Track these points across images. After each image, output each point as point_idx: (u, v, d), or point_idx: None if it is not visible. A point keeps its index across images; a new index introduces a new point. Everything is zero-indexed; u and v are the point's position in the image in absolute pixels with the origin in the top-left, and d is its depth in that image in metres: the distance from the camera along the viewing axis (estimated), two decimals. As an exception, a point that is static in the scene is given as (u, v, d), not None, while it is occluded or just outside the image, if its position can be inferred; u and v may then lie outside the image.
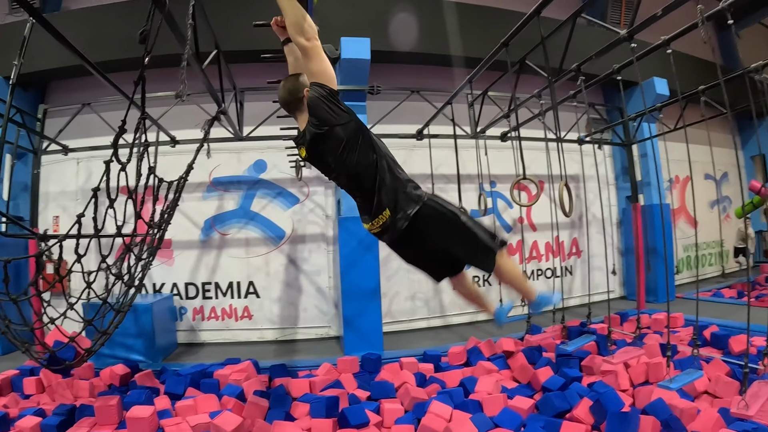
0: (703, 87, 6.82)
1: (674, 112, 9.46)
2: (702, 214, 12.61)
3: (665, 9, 4.35)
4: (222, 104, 4.96)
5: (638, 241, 9.21)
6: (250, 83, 7.06)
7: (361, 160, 2.62)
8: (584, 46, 5.74)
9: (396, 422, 4.34)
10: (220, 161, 7.80)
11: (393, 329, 8.35)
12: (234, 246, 8.06)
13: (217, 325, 8.03)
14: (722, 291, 10.25)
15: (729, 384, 4.62)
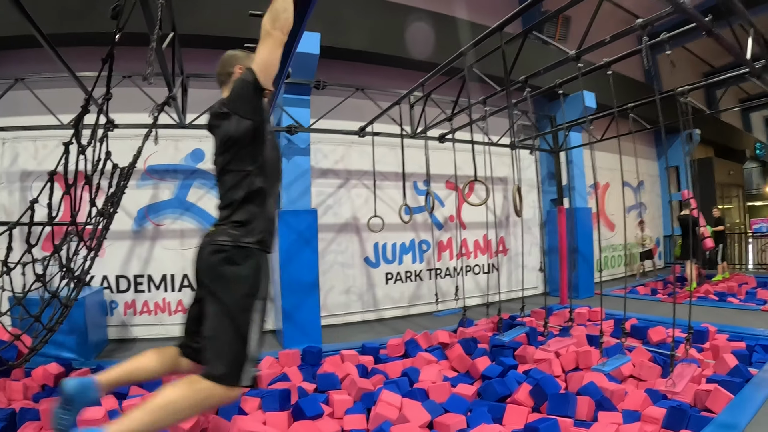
0: (633, 104, 7.50)
1: (598, 123, 10.28)
2: (620, 219, 13.67)
3: (613, 36, 4.83)
4: (173, 89, 4.87)
5: (562, 242, 9.86)
6: (196, 69, 6.89)
7: (235, 161, 2.40)
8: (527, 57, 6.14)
9: (346, 412, 4.46)
10: (156, 148, 7.40)
11: (329, 323, 8.46)
12: (168, 237, 7.81)
13: (149, 319, 7.73)
14: (637, 288, 11.27)
15: (652, 368, 5.24)
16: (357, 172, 9.07)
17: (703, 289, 10.32)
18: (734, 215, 21.21)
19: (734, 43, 4.90)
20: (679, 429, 3.89)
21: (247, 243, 2.35)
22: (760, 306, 8.61)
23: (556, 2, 4.73)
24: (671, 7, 3.84)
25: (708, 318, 7.43)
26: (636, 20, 4.66)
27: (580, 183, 11.19)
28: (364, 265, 9.23)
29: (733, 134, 20.87)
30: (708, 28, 4.30)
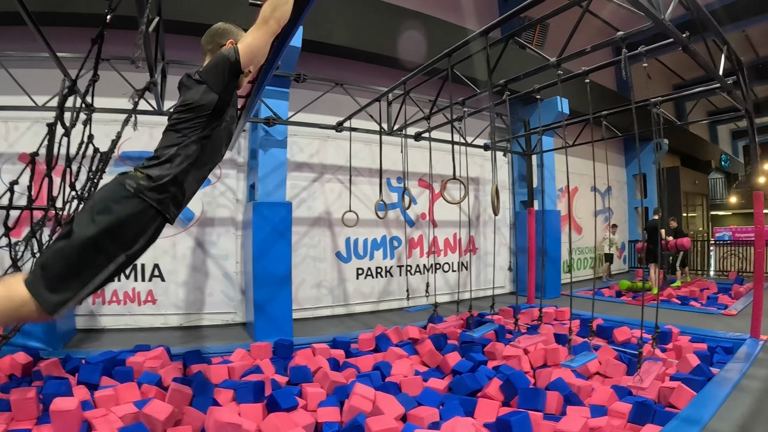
0: (607, 112, 7.69)
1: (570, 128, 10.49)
2: (587, 222, 13.96)
3: (593, 47, 4.95)
4: (154, 74, 4.81)
5: (531, 243, 10.03)
6: (176, 56, 6.77)
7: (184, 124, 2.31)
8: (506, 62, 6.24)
9: (320, 405, 4.48)
10: (131, 134, 7.26)
11: (299, 316, 8.46)
12: (140, 226, 7.65)
13: (118, 309, 7.59)
14: (602, 290, 11.52)
15: (617, 366, 5.48)
16: (332, 167, 9.09)
17: (666, 293, 10.62)
18: (698, 223, 21.84)
19: (707, 58, 5.06)
20: (644, 423, 4.02)
21: (148, 197, 2.11)
22: (721, 310, 8.90)
23: (536, 10, 4.82)
24: (651, 22, 3.96)
25: (671, 320, 7.66)
26: (613, 30, 4.81)
27: (550, 186, 11.42)
28: (336, 259, 9.25)
29: (699, 145, 21.47)
30: (685, 44, 4.43)
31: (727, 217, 27.29)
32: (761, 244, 6.62)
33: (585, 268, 14.09)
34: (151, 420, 3.84)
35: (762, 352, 5.94)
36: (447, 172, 7.97)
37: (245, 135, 8.32)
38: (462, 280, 9.25)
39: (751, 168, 7.74)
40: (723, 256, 16.08)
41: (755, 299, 6.55)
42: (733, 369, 5.19)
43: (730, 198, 26.58)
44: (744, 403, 4.31)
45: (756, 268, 6.68)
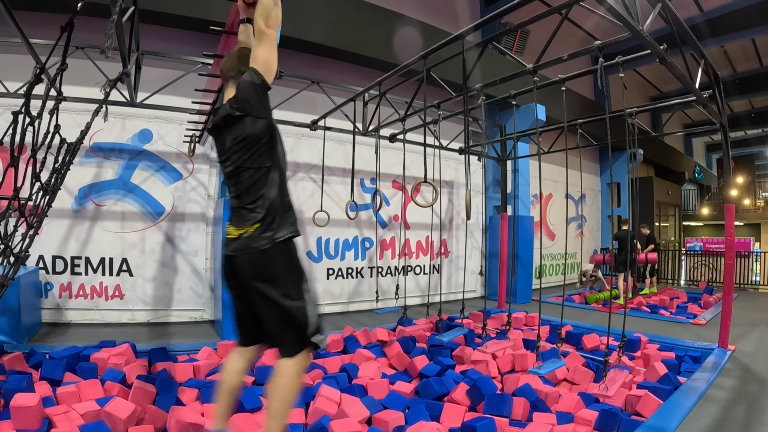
0: (582, 121, 7.73)
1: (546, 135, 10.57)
2: (560, 229, 14.07)
3: (570, 55, 4.98)
4: (127, 65, 4.69)
5: (503, 248, 10.06)
6: (151, 46, 6.68)
7: (254, 160, 2.50)
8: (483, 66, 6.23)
9: (285, 406, 4.47)
10: (102, 125, 7.13)
11: (267, 315, 8.33)
12: (109, 219, 7.51)
13: (85, 303, 7.41)
14: (573, 297, 11.59)
15: (585, 373, 5.46)
16: (305, 165, 9.00)
17: (636, 301, 10.73)
18: (670, 233, 22.14)
19: (684, 71, 5.10)
20: (610, 431, 4.03)
21: (282, 237, 2.49)
22: (690, 319, 8.99)
23: (516, 15, 4.81)
24: (629, 33, 3.97)
25: (640, 328, 7.72)
26: (591, 39, 4.82)
27: (524, 192, 11.44)
28: (306, 259, 9.16)
29: (674, 156, 21.81)
30: (662, 56, 4.46)
31: (698, 227, 27.81)
32: (731, 256, 6.69)
33: (557, 274, 14.18)
34: (113, 418, 3.73)
35: (729, 362, 6.00)
36: (421, 174, 7.93)
37: (219, 130, 8.15)
38: (433, 283, 9.23)
39: (724, 181, 7.86)
40: (694, 266, 16.36)
41: (724, 309, 6.59)
42: (701, 378, 5.22)
43: (702, 209, 27.09)
44: (710, 413, 4.32)
45: (725, 279, 6.72)
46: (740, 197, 27.89)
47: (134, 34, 4.78)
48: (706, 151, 33.67)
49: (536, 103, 6.10)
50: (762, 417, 4.27)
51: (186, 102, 6.35)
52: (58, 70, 3.48)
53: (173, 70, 6.95)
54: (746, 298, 12.30)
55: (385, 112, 8.11)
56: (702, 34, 12.68)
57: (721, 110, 6.39)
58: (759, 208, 27.32)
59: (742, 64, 19.02)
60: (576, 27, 13.77)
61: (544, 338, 7.03)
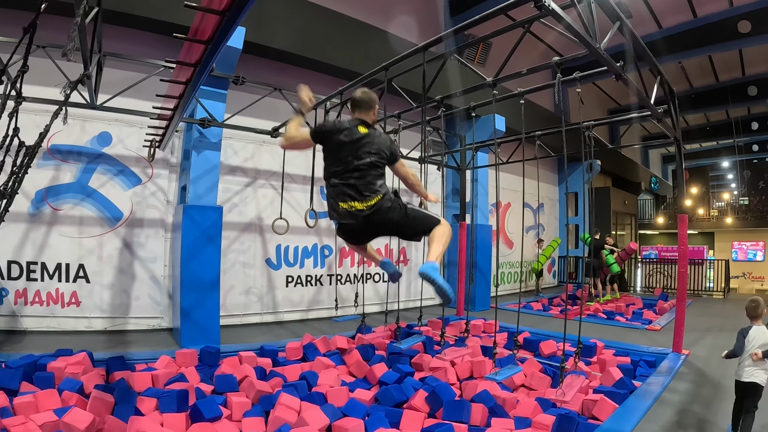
0: (540, 132, 7.92)
1: (506, 146, 10.77)
2: (518, 237, 14.29)
3: (529, 69, 5.12)
4: (89, 67, 4.59)
5: (461, 256, 10.18)
6: (113, 48, 6.52)
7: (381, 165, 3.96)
8: (445, 77, 6.32)
9: (245, 415, 4.41)
10: (61, 127, 6.78)
11: (227, 323, 8.27)
12: (66, 224, 7.31)
13: (41, 311, 7.16)
14: (531, 304, 11.76)
15: (542, 379, 5.57)
16: (265, 172, 8.95)
17: (593, 308, 10.96)
18: (626, 241, 22.74)
19: (640, 86, 5.28)
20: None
21: (394, 197, 3.98)
22: (645, 325, 9.24)
23: (481, 28, 4.89)
24: (587, 50, 4.09)
25: (596, 334, 7.87)
26: (553, 53, 4.96)
27: (482, 201, 11.58)
28: (266, 266, 9.10)
29: (631, 167, 22.41)
30: (618, 73, 4.60)
31: (654, 236, 28.58)
32: (684, 264, 6.92)
33: (515, 282, 14.41)
34: (71, 429, 3.68)
35: (683, 366, 6.18)
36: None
37: (179, 135, 8.07)
38: (392, 291, 9.28)
39: (678, 191, 8.14)
40: (649, 273, 16.82)
41: (678, 315, 6.82)
42: (655, 382, 5.36)
43: (657, 218, 27.86)
44: (665, 416, 4.46)
45: (679, 286, 6.97)
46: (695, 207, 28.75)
47: (97, 35, 4.69)
48: (663, 162, 34.72)
49: (495, 114, 6.21)
50: (715, 419, 4.41)
51: (147, 106, 6.27)
52: (18, 72, 3.41)
53: (135, 72, 6.82)
54: (700, 304, 12.66)
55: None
56: (660, 51, 13.13)
57: (676, 124, 6.61)
58: (713, 217, 28.19)
59: (698, 79, 19.75)
60: (538, 41, 14.11)
61: (501, 345, 7.14)
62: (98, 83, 5.80)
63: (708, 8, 13.30)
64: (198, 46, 3.62)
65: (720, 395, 5.08)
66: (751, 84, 18.71)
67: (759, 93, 18.38)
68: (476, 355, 6.39)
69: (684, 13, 13.69)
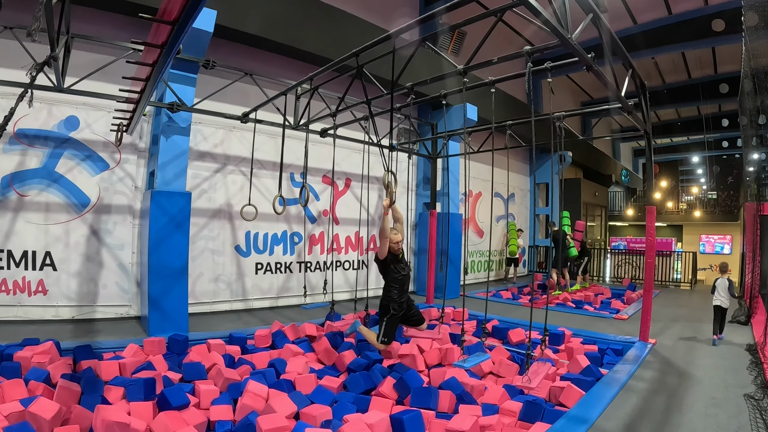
0: (511, 122, 7.93)
1: (479, 135, 10.79)
2: (488, 226, 14.42)
3: (500, 58, 5.12)
4: (56, 48, 4.47)
5: (432, 244, 10.21)
6: (82, 29, 6.33)
7: None
8: (417, 65, 6.30)
9: (213, 403, 4.42)
10: (27, 111, 6.70)
11: (196, 311, 8.21)
12: (32, 210, 7.13)
13: (7, 300, 6.99)
14: (501, 293, 11.89)
15: (510, 366, 5.71)
16: (235, 158, 8.85)
17: (561, 297, 11.12)
18: (596, 232, 23.10)
19: (612, 80, 5.32)
20: (534, 421, 4.18)
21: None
22: (613, 314, 9.38)
23: (455, 16, 4.88)
24: (558, 40, 4.12)
25: (565, 323, 8.02)
26: (526, 45, 4.97)
27: (453, 190, 11.56)
28: (235, 253, 9.02)
29: (602, 160, 22.71)
30: (589, 64, 4.62)
31: (624, 227, 29.07)
32: (651, 255, 7.05)
33: (485, 270, 14.56)
34: (37, 419, 3.65)
35: (650, 355, 6.32)
36: (351, 169, 7.98)
37: (148, 119, 7.94)
38: (361, 278, 9.26)
39: (647, 184, 8.25)
40: (618, 263, 17.09)
41: (644, 305, 6.93)
42: (622, 370, 5.47)
43: (627, 210, 28.34)
44: (630, 403, 4.55)
45: (646, 276, 7.08)
46: (664, 200, 29.32)
47: (65, 16, 4.57)
48: (633, 156, 35.30)
49: (465, 103, 6.21)
50: (680, 406, 4.51)
51: (115, 89, 6.07)
52: None
53: (104, 55, 6.65)
54: (667, 295, 12.94)
55: (318, 107, 8.07)
56: (635, 46, 13.31)
57: (646, 117, 6.69)
58: (682, 210, 28.77)
59: (671, 75, 20.06)
60: (516, 34, 14.18)
61: (470, 333, 7.20)
62: (66, 66, 5.65)
63: (683, 6, 13.54)
64: (165, 27, 3.54)
65: (685, 384, 5.21)
66: (723, 82, 19.10)
67: (730, 90, 18.72)
68: (445, 342, 6.45)
69: (659, 10, 13.90)
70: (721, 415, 4.29)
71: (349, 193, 10.38)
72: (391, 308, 5.63)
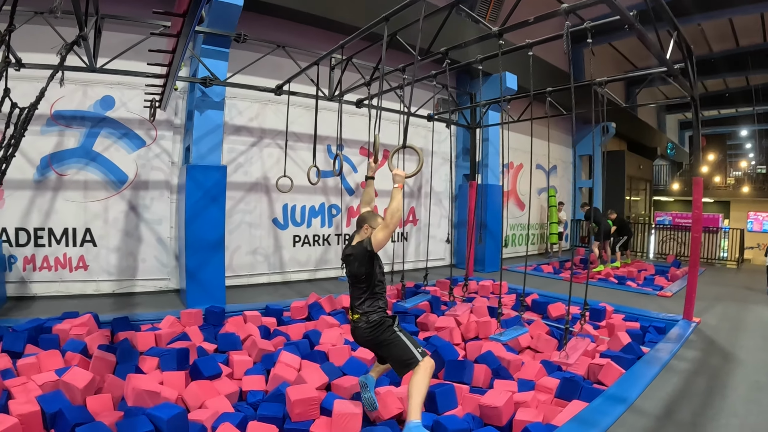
0: (551, 89, 7.62)
1: (519, 105, 10.48)
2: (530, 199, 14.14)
3: (536, 18, 4.86)
4: (84, 28, 4.48)
5: (471, 216, 10.02)
6: (112, 10, 6.32)
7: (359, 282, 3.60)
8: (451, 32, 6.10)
9: (246, 373, 4.45)
10: (63, 92, 6.84)
11: (234, 283, 8.31)
12: (72, 188, 7.27)
13: (49, 276, 7.19)
14: (542, 266, 11.67)
15: (548, 341, 5.49)
16: (271, 131, 8.82)
17: (604, 272, 10.83)
18: (640, 207, 22.43)
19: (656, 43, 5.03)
20: (571, 399, 4.03)
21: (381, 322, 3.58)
22: (657, 291, 9.09)
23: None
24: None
25: (607, 298, 7.80)
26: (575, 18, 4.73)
27: (494, 161, 11.37)
28: (272, 226, 9.04)
29: (647, 132, 21.97)
30: (631, 22, 4.38)
31: (669, 203, 28.19)
32: (698, 229, 6.68)
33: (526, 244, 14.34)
34: (70, 388, 3.70)
35: (693, 334, 6.06)
36: (389, 141, 7.88)
37: (183, 95, 7.97)
38: (400, 251, 9.15)
39: (694, 155, 7.84)
40: (663, 239, 16.57)
41: (689, 282, 6.65)
42: (664, 349, 5.25)
43: (673, 185, 27.44)
44: (671, 383, 4.35)
45: (692, 252, 6.74)
46: (711, 175, 28.31)
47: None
48: (679, 129, 34.10)
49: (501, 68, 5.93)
50: (723, 390, 4.28)
51: (147, 67, 6.13)
52: (5, 32, 3.33)
53: (136, 35, 6.64)
54: (713, 273, 12.50)
55: (353, 78, 7.94)
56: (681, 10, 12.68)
57: (693, 83, 6.34)
58: (729, 186, 27.74)
59: (718, 43, 19.09)
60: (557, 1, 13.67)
61: (509, 306, 7.05)
62: (97, 46, 5.70)
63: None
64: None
65: (728, 365, 4.97)
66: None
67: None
68: (482, 315, 6.33)
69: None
70: (765, 400, 4.06)
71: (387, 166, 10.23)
72: (388, 321, 3.65)
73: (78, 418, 3.23)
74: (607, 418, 3.52)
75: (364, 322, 3.54)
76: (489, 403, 3.74)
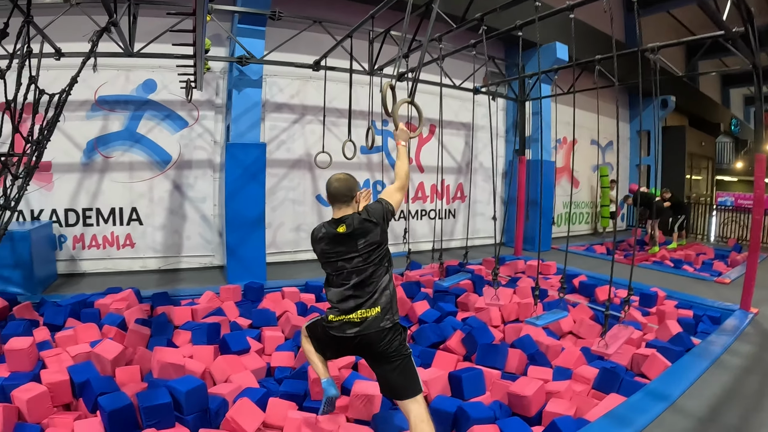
0: (600, 57, 7.13)
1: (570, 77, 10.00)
2: (584, 176, 13.63)
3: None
4: (114, 15, 4.53)
5: (521, 193, 9.70)
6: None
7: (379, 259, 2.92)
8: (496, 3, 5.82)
9: (276, 349, 4.47)
10: (107, 78, 7.14)
11: (276, 260, 8.42)
12: (117, 170, 7.50)
13: (98, 253, 7.50)
14: (594, 247, 11.24)
15: (592, 327, 5.15)
16: (313, 108, 8.74)
17: (659, 255, 10.33)
18: (702, 187, 21.32)
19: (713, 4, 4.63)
20: (608, 392, 3.76)
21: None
22: (714, 277, 8.49)
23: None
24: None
25: (660, 283, 7.37)
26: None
27: (545, 135, 10.86)
28: (316, 202, 9.04)
29: (709, 107, 20.80)
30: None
31: (732, 183, 26.74)
32: (760, 211, 6.15)
33: (580, 223, 13.81)
34: (101, 359, 3.80)
35: (749, 326, 5.57)
36: (436, 115, 7.69)
37: (223, 76, 8.03)
38: (447, 228, 8.93)
39: (757, 129, 7.24)
40: (724, 222, 15.69)
41: (748, 269, 6.10)
42: (716, 342, 4.86)
43: (736, 163, 25.96)
44: (720, 381, 3.99)
45: (752, 236, 6.19)
46: (777, 152, 26.64)
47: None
48: (744, 105, 32.14)
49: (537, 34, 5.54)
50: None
51: (184, 49, 6.14)
52: (23, 22, 3.39)
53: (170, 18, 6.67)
54: (776, 260, 11.72)
55: (392, 51, 7.73)
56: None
57: (755, 49, 5.84)
58: (798, 164, 26.01)
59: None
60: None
61: (555, 288, 6.75)
62: (133, 32, 5.79)
63: None
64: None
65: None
66: None
67: None
68: (526, 296, 6.10)
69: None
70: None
71: (434, 141, 10.00)
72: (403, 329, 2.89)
73: (104, 387, 3.29)
74: (644, 416, 3.28)
75: (389, 321, 2.74)
76: (518, 392, 3.50)
